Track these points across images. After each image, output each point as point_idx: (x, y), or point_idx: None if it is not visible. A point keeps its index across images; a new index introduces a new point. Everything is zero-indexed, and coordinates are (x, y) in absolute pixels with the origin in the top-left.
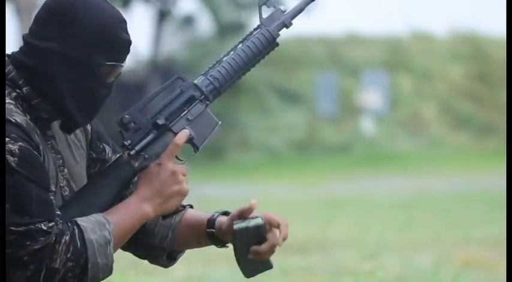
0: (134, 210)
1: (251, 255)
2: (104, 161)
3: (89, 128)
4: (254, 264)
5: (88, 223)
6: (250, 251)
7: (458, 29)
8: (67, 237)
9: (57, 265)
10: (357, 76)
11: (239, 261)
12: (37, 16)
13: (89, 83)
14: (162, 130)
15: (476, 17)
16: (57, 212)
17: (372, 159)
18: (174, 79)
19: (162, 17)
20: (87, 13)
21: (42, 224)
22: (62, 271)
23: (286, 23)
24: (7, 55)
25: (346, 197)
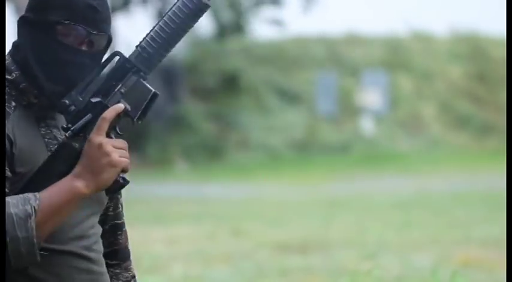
0: (65, 187)
1: None
2: None
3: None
4: None
5: (13, 199)
6: None
7: (458, 29)
8: None
9: None
10: (357, 76)
11: None
12: None
13: (49, 45)
14: (99, 108)
15: (476, 17)
16: None
17: (372, 159)
18: (111, 55)
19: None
20: None
21: None
22: None
23: None
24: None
25: (346, 197)
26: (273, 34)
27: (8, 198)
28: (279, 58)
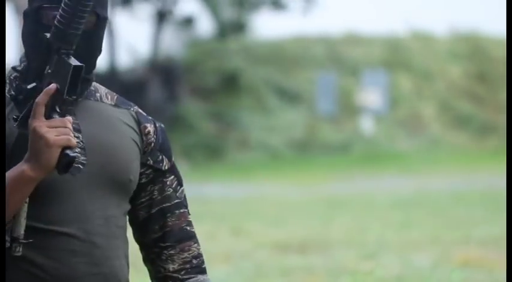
0: (16, 170)
1: None
2: (159, 171)
3: (153, 139)
4: None
5: None
6: None
7: (458, 28)
8: None
9: None
10: (357, 76)
11: None
12: None
13: (36, 29)
14: (38, 93)
15: (476, 16)
16: None
17: (372, 158)
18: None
19: (161, 17)
20: None
21: None
22: None
23: None
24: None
25: (346, 197)
26: (273, 34)
27: None
28: (279, 58)
